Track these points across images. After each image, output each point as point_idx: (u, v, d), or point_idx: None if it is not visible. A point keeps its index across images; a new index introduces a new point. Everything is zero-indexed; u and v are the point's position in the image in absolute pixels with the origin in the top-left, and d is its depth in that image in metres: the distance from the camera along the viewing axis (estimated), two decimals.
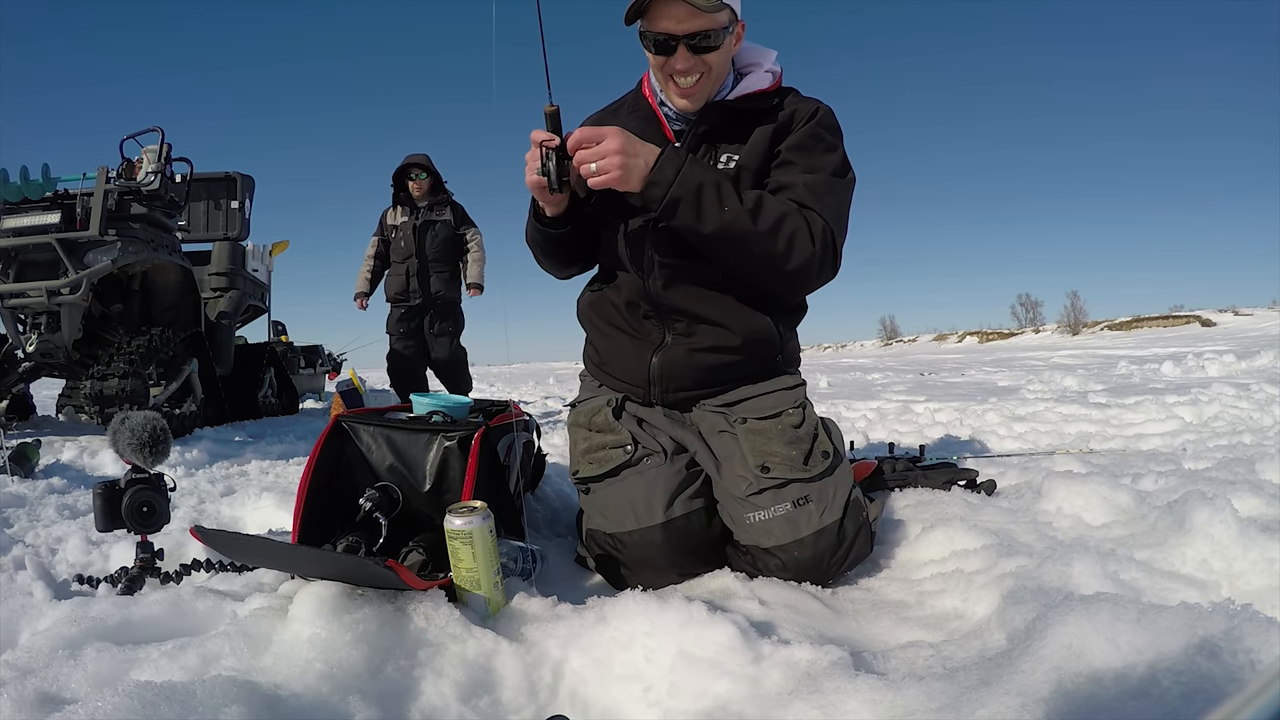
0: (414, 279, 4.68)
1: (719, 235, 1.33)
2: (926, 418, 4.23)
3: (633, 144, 1.29)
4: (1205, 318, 42.63)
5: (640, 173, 1.29)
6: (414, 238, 4.67)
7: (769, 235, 1.34)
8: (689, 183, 1.30)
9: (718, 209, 1.31)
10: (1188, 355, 10.45)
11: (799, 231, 1.36)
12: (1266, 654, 0.70)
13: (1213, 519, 1.27)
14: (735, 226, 1.32)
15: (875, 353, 48.66)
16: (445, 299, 4.74)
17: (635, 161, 1.28)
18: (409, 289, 4.70)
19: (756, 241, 1.34)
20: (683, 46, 1.38)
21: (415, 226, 4.68)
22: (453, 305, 4.80)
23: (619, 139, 1.27)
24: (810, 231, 1.37)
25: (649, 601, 1.05)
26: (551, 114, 1.31)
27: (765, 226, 1.33)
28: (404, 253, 4.69)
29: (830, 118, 1.48)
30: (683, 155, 1.32)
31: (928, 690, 0.83)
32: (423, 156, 4.69)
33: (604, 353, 1.62)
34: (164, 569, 1.39)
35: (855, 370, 13.95)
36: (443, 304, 4.74)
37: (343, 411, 1.54)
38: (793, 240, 1.36)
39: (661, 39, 1.38)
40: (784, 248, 1.36)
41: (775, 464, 1.37)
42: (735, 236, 1.33)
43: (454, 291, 4.79)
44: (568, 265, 1.64)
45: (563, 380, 13.23)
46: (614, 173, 1.27)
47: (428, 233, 4.67)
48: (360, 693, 0.90)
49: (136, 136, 4.07)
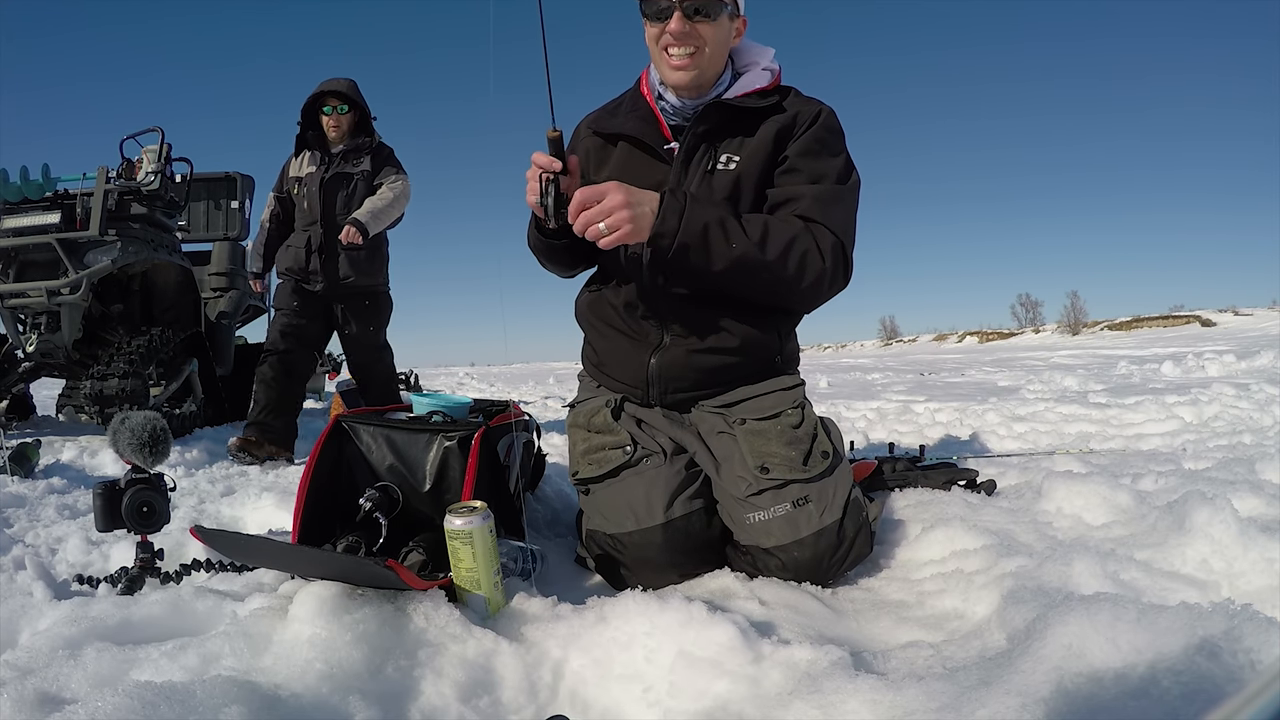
0: (315, 256, 3.33)
1: (729, 271, 1.34)
2: (926, 418, 4.23)
3: (634, 195, 1.28)
4: (1205, 318, 42.62)
5: (647, 221, 1.29)
6: (319, 196, 3.34)
7: (779, 262, 1.34)
8: (694, 227, 1.30)
9: (725, 247, 1.31)
10: (1188, 355, 10.45)
11: (809, 252, 1.36)
12: (1266, 654, 0.70)
13: (1213, 519, 1.27)
14: (745, 261, 1.33)
15: (875, 353, 48.68)
16: (360, 286, 3.39)
17: (641, 211, 1.28)
18: (308, 268, 3.34)
19: (767, 270, 1.35)
20: (679, 11, 1.38)
21: (323, 180, 3.34)
22: (373, 295, 3.49)
23: (621, 193, 1.26)
24: (819, 249, 1.37)
25: (649, 601, 1.05)
26: (554, 139, 1.30)
27: (774, 255, 1.34)
28: (306, 217, 3.37)
29: (833, 120, 1.49)
30: (682, 199, 1.31)
31: (928, 690, 0.83)
32: (344, 83, 3.38)
33: (602, 353, 1.62)
34: (164, 569, 1.39)
35: (855, 370, 13.95)
36: (357, 292, 3.41)
37: (343, 411, 1.55)
38: (803, 262, 1.36)
39: (659, 4, 1.39)
40: (795, 271, 1.36)
41: (775, 464, 1.37)
42: (745, 270, 1.34)
43: (373, 274, 3.43)
44: (571, 267, 1.65)
45: (563, 380, 13.23)
46: (624, 228, 1.26)
47: (339, 190, 3.35)
48: (360, 693, 0.90)
49: (136, 136, 4.06)
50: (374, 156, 3.43)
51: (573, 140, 1.62)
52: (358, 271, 3.37)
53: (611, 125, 1.54)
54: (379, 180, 3.39)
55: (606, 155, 1.55)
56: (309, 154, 3.44)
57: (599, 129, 1.57)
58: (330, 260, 3.33)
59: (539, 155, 1.31)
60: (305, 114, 3.42)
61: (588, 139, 1.58)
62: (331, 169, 3.37)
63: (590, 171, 1.55)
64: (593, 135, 1.57)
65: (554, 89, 1.27)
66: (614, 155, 1.53)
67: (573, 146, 1.60)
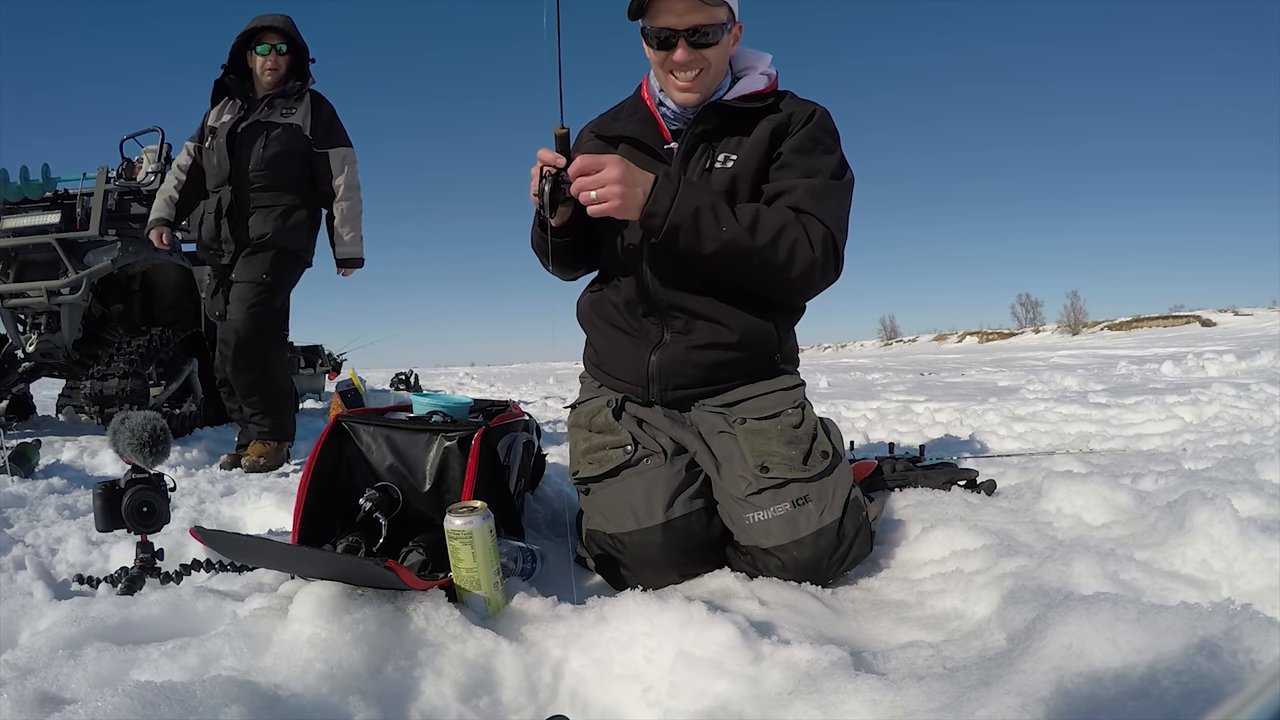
0: (225, 222, 2.79)
1: (719, 255, 1.36)
2: (926, 418, 4.23)
3: (632, 173, 1.31)
4: (1205, 318, 42.64)
5: (639, 202, 1.31)
6: (227, 150, 2.79)
7: (768, 249, 1.36)
8: (685, 209, 1.32)
9: (716, 230, 1.34)
10: (1188, 355, 10.45)
11: (799, 241, 1.38)
12: (1266, 654, 0.70)
13: (1213, 519, 1.27)
14: (734, 245, 1.35)
15: (875, 353, 48.68)
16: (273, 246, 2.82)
17: (634, 191, 1.30)
18: (218, 235, 2.82)
19: (757, 256, 1.37)
20: (683, 41, 1.42)
21: (235, 130, 2.80)
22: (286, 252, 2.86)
23: (619, 168, 1.29)
24: (809, 239, 1.39)
25: (649, 601, 1.05)
26: (561, 136, 1.33)
27: (764, 241, 1.36)
28: (216, 175, 2.84)
29: (828, 119, 1.51)
30: (675, 181, 1.34)
31: (928, 690, 0.83)
32: (281, 18, 2.84)
33: (603, 352, 1.63)
34: (164, 569, 1.39)
35: (855, 370, 13.96)
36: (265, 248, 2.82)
37: (343, 411, 1.55)
38: (793, 250, 1.38)
39: (663, 34, 1.42)
40: (785, 259, 1.38)
41: (774, 464, 1.37)
42: (735, 254, 1.36)
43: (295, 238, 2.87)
44: (573, 269, 1.67)
45: (563, 380, 13.23)
46: (613, 201, 1.29)
47: (254, 142, 2.79)
48: (360, 693, 0.90)
49: (136, 136, 4.06)
50: (314, 112, 2.88)
51: (576, 144, 1.64)
52: (275, 230, 2.79)
53: (613, 129, 1.58)
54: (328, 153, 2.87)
55: None
56: (230, 102, 2.90)
57: (601, 132, 1.61)
58: (240, 224, 2.79)
59: (544, 151, 1.33)
60: (235, 53, 2.87)
61: (590, 143, 1.62)
62: (250, 117, 2.82)
63: None
64: (595, 139, 1.61)
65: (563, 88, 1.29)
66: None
67: (576, 150, 1.62)
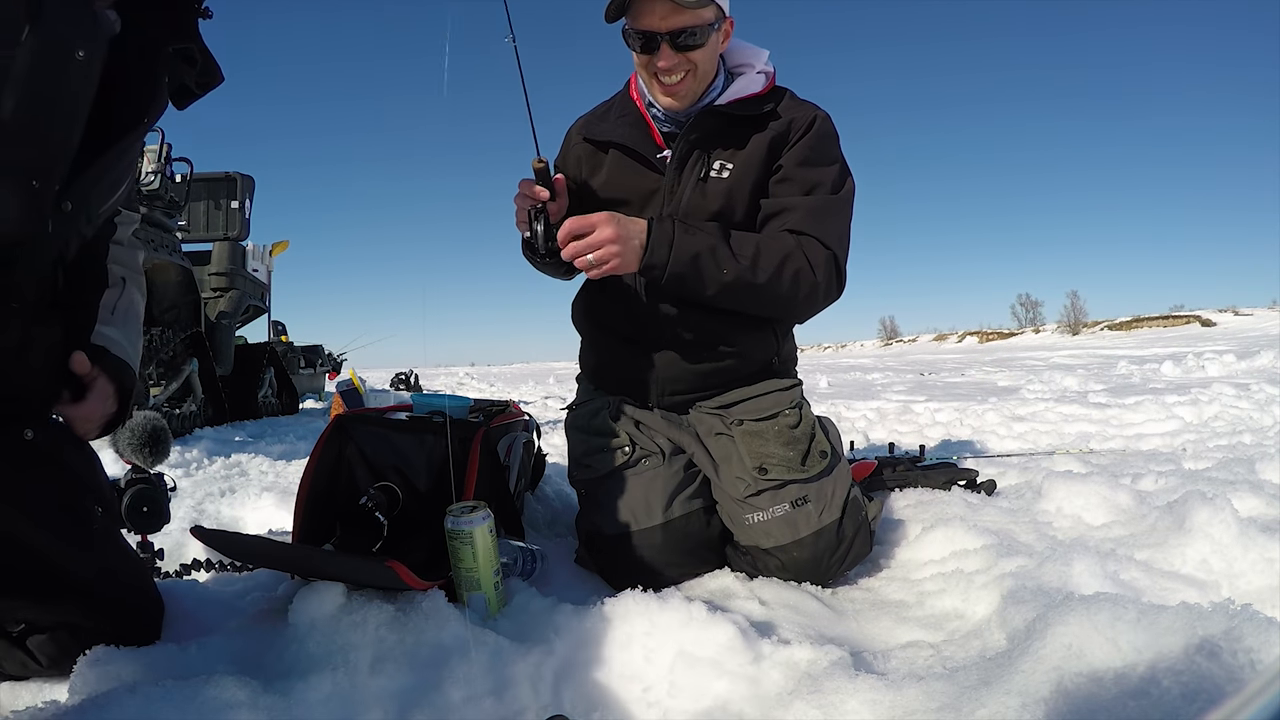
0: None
1: (723, 294, 1.34)
2: (926, 418, 4.23)
3: (624, 227, 1.27)
4: (1205, 318, 42.66)
5: (636, 254, 1.29)
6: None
7: (772, 283, 1.34)
8: (684, 256, 1.29)
9: (717, 273, 1.31)
10: (1188, 355, 10.45)
11: (802, 271, 1.36)
12: (1266, 654, 0.70)
13: (1213, 519, 1.27)
14: (737, 285, 1.33)
15: (875, 353, 48.69)
16: None
17: (630, 245, 1.27)
18: None
19: (761, 291, 1.35)
20: (666, 44, 1.34)
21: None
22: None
23: (610, 227, 1.25)
24: (811, 265, 1.37)
25: (649, 601, 1.05)
26: (540, 169, 1.29)
27: (766, 277, 1.33)
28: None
29: (828, 125, 1.46)
30: (670, 229, 1.30)
31: (928, 690, 0.83)
32: None
33: (600, 357, 1.62)
34: (164, 569, 1.39)
35: (855, 370, 13.96)
36: None
37: (343, 411, 1.54)
38: (796, 279, 1.36)
39: (645, 36, 1.35)
40: (788, 290, 1.36)
41: (773, 465, 1.37)
42: (738, 292, 1.34)
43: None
44: (569, 274, 1.63)
45: (563, 380, 13.24)
46: (612, 262, 1.26)
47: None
48: (360, 692, 0.90)
49: None
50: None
51: (564, 146, 1.59)
52: None
53: (602, 131, 1.51)
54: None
55: (598, 163, 1.51)
56: None
57: (590, 135, 1.53)
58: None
59: (525, 183, 1.30)
60: None
61: (579, 145, 1.55)
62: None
63: (582, 176, 1.53)
64: (584, 142, 1.54)
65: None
66: (605, 163, 1.50)
67: (564, 154, 1.58)
